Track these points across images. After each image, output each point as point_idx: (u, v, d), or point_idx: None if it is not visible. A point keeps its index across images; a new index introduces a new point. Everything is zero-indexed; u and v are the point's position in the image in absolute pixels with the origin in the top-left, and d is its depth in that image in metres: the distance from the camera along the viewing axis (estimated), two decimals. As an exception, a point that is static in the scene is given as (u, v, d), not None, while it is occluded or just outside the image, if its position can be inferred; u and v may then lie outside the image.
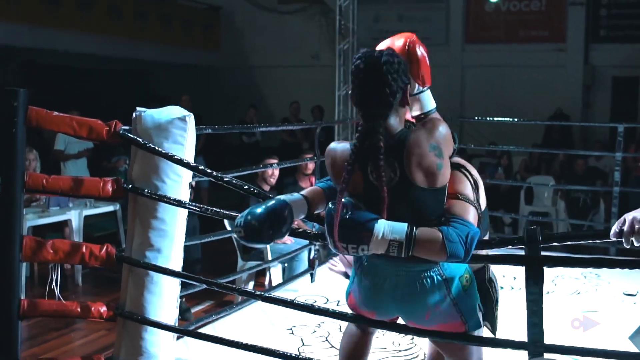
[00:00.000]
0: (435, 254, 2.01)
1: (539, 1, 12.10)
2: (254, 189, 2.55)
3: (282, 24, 13.33)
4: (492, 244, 2.25)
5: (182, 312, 5.07)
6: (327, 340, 3.89)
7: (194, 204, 2.77)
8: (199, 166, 2.68)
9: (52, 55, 10.86)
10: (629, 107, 11.48)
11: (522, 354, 2.15)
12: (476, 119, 8.64)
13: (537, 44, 12.00)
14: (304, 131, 9.94)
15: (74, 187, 2.69)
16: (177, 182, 2.75)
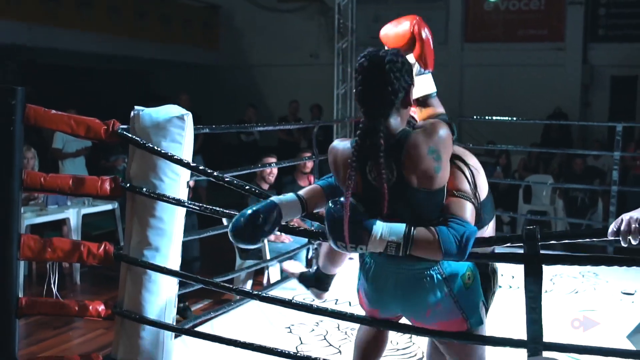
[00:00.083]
0: (431, 253, 2.04)
1: (538, 0, 12.11)
2: (255, 189, 2.56)
3: (281, 23, 13.33)
4: (491, 242, 2.26)
5: (182, 310, 5.08)
6: (325, 338, 3.89)
7: (192, 202, 2.77)
8: (199, 166, 2.68)
9: (52, 54, 10.85)
10: (627, 106, 11.48)
11: (521, 352, 2.15)
12: (475, 118, 8.62)
13: (536, 43, 12.01)
14: (302, 130, 9.94)
15: (72, 185, 2.69)
16: (175, 181, 2.75)
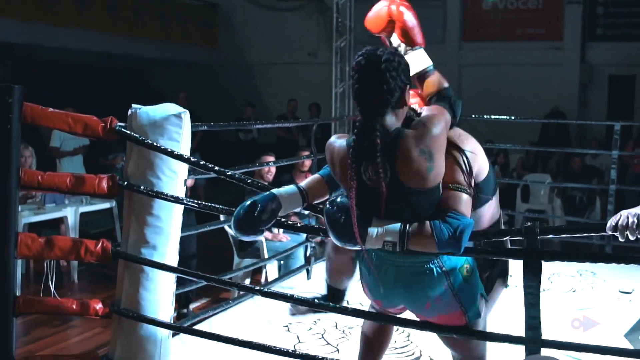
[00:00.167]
0: (427, 247, 2.07)
1: (536, -1, 12.12)
2: (257, 182, 2.58)
3: (280, 22, 13.31)
4: (490, 235, 2.27)
5: (183, 305, 5.07)
6: (323, 337, 3.89)
7: (190, 200, 2.77)
8: (200, 161, 2.68)
9: (51, 52, 10.83)
10: (625, 105, 11.49)
11: (520, 352, 2.15)
12: (473, 117, 8.60)
13: (534, 42, 12.00)
14: (300, 128, 9.94)
15: (70, 184, 2.68)
16: (173, 179, 2.75)
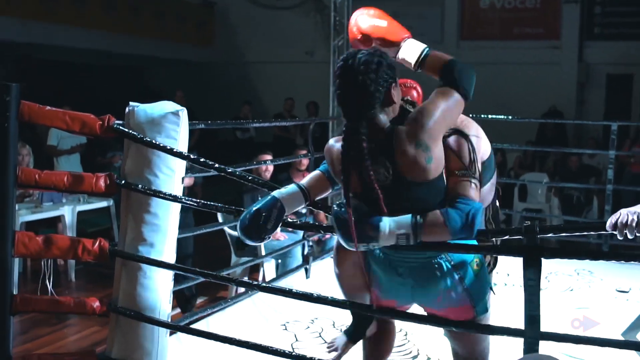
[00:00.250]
0: (440, 236, 2.07)
1: (534, -2, 12.12)
2: (257, 179, 2.59)
3: (277, 20, 13.29)
4: (489, 233, 2.27)
5: (187, 300, 5.05)
6: (320, 336, 3.89)
7: (188, 198, 2.76)
8: (199, 158, 2.68)
9: (50, 50, 10.81)
10: (622, 104, 11.49)
11: (519, 349, 2.16)
12: (470, 116, 8.60)
13: (532, 41, 12.00)
14: (298, 126, 9.94)
15: (67, 182, 2.68)
16: (170, 177, 2.74)
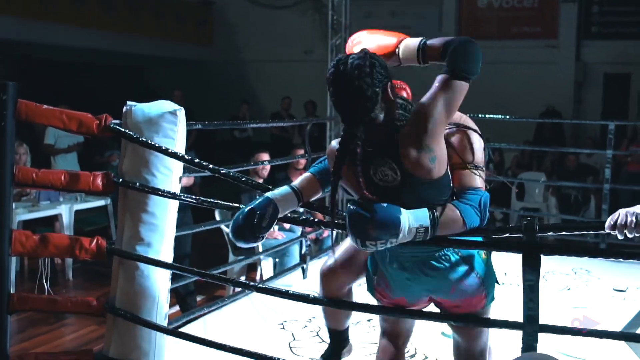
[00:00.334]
0: (454, 229, 2.10)
1: (532, -2, 12.13)
2: (252, 180, 2.58)
3: (275, 20, 13.29)
4: (489, 232, 2.28)
5: (187, 295, 5.04)
6: (317, 335, 3.89)
7: (186, 195, 2.76)
8: (194, 159, 2.67)
9: (49, 49, 10.80)
10: (620, 104, 11.51)
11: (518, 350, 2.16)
12: (468, 115, 8.61)
13: (529, 41, 12.02)
14: (296, 126, 9.95)
15: (64, 181, 2.67)
16: (168, 176, 2.74)
